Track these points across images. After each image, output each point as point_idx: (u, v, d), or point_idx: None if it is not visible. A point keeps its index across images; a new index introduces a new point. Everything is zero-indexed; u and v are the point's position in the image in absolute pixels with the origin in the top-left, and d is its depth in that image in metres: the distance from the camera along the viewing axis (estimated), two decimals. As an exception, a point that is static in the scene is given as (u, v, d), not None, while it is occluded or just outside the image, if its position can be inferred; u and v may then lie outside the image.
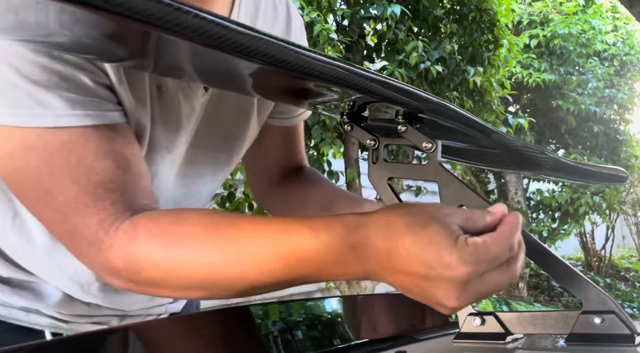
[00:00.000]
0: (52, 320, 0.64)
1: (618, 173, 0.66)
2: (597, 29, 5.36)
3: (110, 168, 0.45)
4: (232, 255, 0.42)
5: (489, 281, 0.39)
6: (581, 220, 5.26)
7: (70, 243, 0.46)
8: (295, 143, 0.76)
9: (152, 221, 0.45)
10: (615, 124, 5.71)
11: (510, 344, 0.46)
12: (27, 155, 0.44)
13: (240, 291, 0.43)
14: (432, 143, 0.49)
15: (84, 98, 0.45)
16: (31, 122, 0.43)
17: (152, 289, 0.46)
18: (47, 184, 0.44)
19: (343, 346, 0.44)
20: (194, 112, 0.60)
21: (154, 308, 0.71)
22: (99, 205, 0.44)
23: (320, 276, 0.41)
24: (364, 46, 2.78)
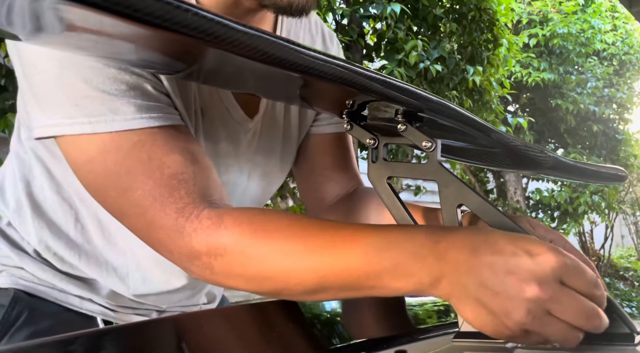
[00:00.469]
0: (102, 308, 0.69)
1: (617, 172, 0.66)
2: (596, 29, 5.37)
3: (179, 161, 0.49)
4: (315, 258, 0.43)
5: (554, 323, 0.39)
6: (580, 220, 5.28)
7: (150, 235, 0.49)
8: (340, 154, 0.76)
9: (239, 211, 0.48)
10: (614, 123, 5.72)
11: (509, 343, 0.46)
12: (104, 158, 0.48)
13: (310, 292, 0.44)
14: (432, 142, 0.49)
15: (149, 103, 0.50)
16: (105, 128, 0.48)
17: (225, 278, 0.47)
18: (124, 182, 0.48)
19: (343, 345, 0.44)
20: (238, 140, 0.65)
21: (189, 307, 0.75)
22: (175, 195, 0.48)
23: (390, 276, 0.41)
24: (363, 44, 2.78)
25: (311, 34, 0.72)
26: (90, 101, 0.48)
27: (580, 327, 0.40)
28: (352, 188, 0.75)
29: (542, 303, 0.38)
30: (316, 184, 0.75)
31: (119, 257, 0.66)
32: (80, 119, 0.48)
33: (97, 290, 0.68)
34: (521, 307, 0.38)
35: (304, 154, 0.75)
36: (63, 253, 0.65)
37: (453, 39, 2.96)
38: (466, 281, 0.40)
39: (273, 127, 0.68)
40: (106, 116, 0.48)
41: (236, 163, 0.66)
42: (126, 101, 0.48)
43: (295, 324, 0.46)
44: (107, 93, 0.48)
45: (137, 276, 0.67)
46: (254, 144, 0.67)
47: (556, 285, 0.39)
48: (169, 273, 0.67)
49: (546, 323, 0.39)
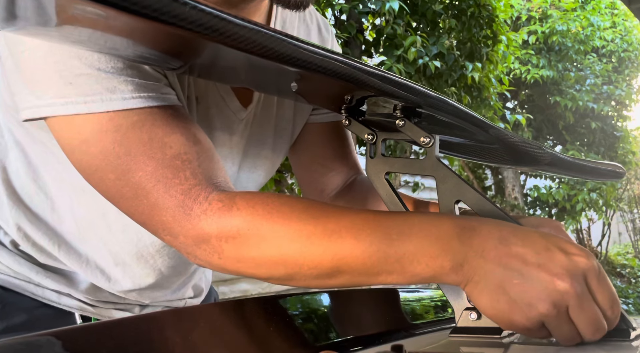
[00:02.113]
0: (81, 303, 0.66)
1: (615, 169, 0.66)
2: (595, 26, 5.36)
3: (181, 141, 0.47)
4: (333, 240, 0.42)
5: (567, 323, 0.39)
6: (578, 216, 5.29)
7: (152, 219, 0.46)
8: (340, 143, 0.74)
9: (251, 193, 0.46)
10: (612, 120, 5.73)
11: (505, 338, 0.46)
12: (101, 139, 0.46)
13: (324, 277, 0.43)
14: (430, 137, 0.49)
15: (147, 83, 0.47)
16: (102, 107, 0.45)
17: (234, 263, 0.45)
18: (124, 163, 0.46)
19: (340, 340, 0.45)
20: (232, 129, 0.63)
21: (174, 301, 0.73)
22: (180, 176, 0.46)
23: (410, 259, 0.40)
24: (362, 40, 2.78)
25: (306, 24, 0.71)
26: (84, 79, 0.45)
27: (587, 336, 0.40)
28: (351, 177, 0.74)
29: (568, 299, 0.38)
30: (316, 175, 0.74)
31: (96, 252, 0.64)
32: (75, 99, 0.45)
33: (76, 285, 0.65)
34: (548, 299, 0.38)
35: (302, 145, 0.73)
36: (42, 242, 0.63)
37: (452, 35, 2.95)
38: (492, 268, 0.39)
39: (265, 118, 0.67)
40: (102, 95, 0.45)
41: (229, 153, 0.64)
42: (123, 80, 0.46)
43: (290, 319, 0.46)
44: (103, 71, 0.45)
45: (117, 270, 0.65)
46: (245, 135, 0.65)
47: (584, 286, 0.39)
48: (150, 267, 0.65)
49: (563, 320, 0.39)
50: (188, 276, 0.73)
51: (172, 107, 0.49)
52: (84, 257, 0.64)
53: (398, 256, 0.41)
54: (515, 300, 0.39)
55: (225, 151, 0.63)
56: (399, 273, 0.41)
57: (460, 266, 0.40)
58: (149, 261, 0.65)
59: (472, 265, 0.40)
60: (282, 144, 0.71)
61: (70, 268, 0.65)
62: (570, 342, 0.41)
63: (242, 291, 3.36)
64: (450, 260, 0.40)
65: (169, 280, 0.68)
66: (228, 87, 0.61)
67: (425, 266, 0.40)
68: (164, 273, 0.66)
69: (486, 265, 0.39)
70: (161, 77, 0.50)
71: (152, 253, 0.64)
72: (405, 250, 0.41)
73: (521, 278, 0.39)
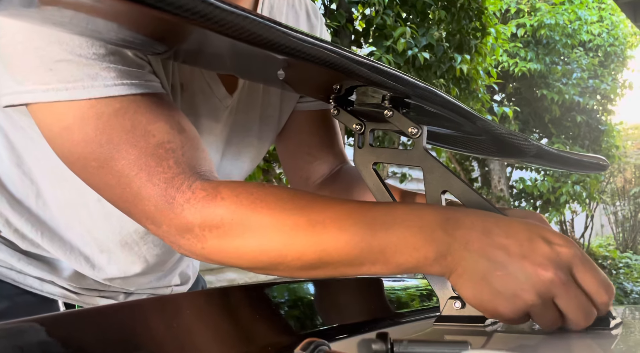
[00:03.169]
0: (64, 290, 0.66)
1: (599, 162, 0.67)
2: (583, 20, 5.40)
3: (165, 129, 0.46)
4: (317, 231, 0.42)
5: (552, 311, 0.39)
6: (562, 209, 5.37)
7: (135, 207, 0.46)
8: (326, 131, 0.74)
9: (235, 183, 0.45)
10: (597, 114, 5.80)
11: (489, 327, 0.46)
12: (83, 126, 0.45)
13: (307, 268, 0.43)
14: (418, 128, 0.49)
15: (129, 69, 0.47)
16: (83, 94, 0.45)
17: (217, 253, 0.45)
18: (106, 151, 0.45)
19: (325, 328, 0.45)
20: (217, 117, 0.62)
21: (160, 289, 0.73)
22: (163, 164, 0.45)
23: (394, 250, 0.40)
24: (351, 30, 2.76)
25: (295, 10, 0.70)
26: (65, 65, 0.44)
27: (575, 324, 0.40)
28: (337, 166, 0.74)
29: (553, 289, 0.39)
30: (301, 162, 0.73)
31: (80, 239, 0.63)
32: (56, 85, 0.44)
33: (59, 272, 0.65)
34: (532, 290, 0.39)
35: (289, 132, 0.73)
36: (24, 229, 0.62)
37: (441, 26, 2.96)
38: (475, 260, 0.40)
39: (250, 105, 0.66)
40: (84, 82, 0.44)
41: (214, 140, 0.64)
42: (105, 66, 0.45)
43: (275, 307, 0.46)
44: (85, 57, 0.44)
45: (102, 257, 0.64)
46: (230, 122, 0.64)
47: (569, 275, 0.39)
48: (135, 255, 0.64)
49: (547, 309, 0.40)
50: (174, 264, 0.73)
51: (156, 94, 0.48)
52: (68, 244, 0.64)
53: (382, 247, 0.41)
54: (500, 291, 0.39)
55: (210, 138, 0.63)
56: (382, 264, 0.41)
57: (443, 257, 0.40)
58: (134, 248, 0.64)
59: (455, 256, 0.40)
60: (268, 131, 0.70)
61: (53, 255, 0.64)
62: (551, 328, 0.41)
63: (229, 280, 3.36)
64: (433, 251, 0.40)
65: (154, 267, 0.68)
66: (214, 73, 0.60)
67: (409, 256, 0.40)
68: (149, 261, 0.66)
69: (470, 256, 0.40)
70: (145, 64, 0.49)
71: (137, 240, 0.64)
72: (389, 240, 0.41)
73: (505, 270, 0.39)
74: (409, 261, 0.41)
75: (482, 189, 5.57)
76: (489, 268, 0.39)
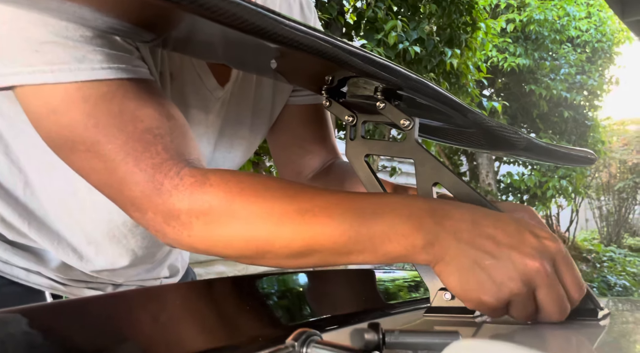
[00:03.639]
0: (51, 281, 0.65)
1: (587, 155, 0.68)
2: (571, 16, 5.45)
3: (153, 115, 0.45)
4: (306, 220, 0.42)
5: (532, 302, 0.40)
6: (548, 203, 5.44)
7: (121, 193, 0.45)
8: (319, 125, 0.74)
9: (225, 171, 0.45)
10: (584, 110, 5.86)
11: (478, 318, 0.47)
12: (69, 109, 0.44)
13: (295, 256, 0.42)
14: (410, 120, 0.49)
15: (117, 53, 0.46)
16: (69, 77, 0.44)
17: (204, 241, 0.44)
18: (93, 134, 0.44)
19: (317, 319, 0.45)
20: (208, 108, 0.61)
21: (149, 281, 0.72)
22: (151, 149, 0.44)
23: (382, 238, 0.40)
24: (343, 23, 2.75)
25: (288, 2, 0.69)
26: (51, 47, 0.43)
27: (549, 316, 0.41)
28: (329, 161, 0.74)
29: (538, 279, 0.39)
30: (294, 156, 0.73)
31: (68, 230, 0.63)
32: (41, 67, 0.43)
33: (46, 263, 0.64)
34: (519, 279, 0.39)
35: (281, 125, 0.72)
36: (11, 219, 0.61)
37: (432, 20, 2.96)
38: (464, 249, 0.40)
39: (243, 98, 0.66)
40: (70, 65, 0.43)
41: (205, 132, 0.63)
42: (92, 49, 0.44)
43: (267, 299, 0.46)
44: (71, 39, 0.43)
45: (90, 249, 0.63)
46: (222, 114, 0.64)
47: (553, 269, 0.40)
48: (123, 248, 0.64)
49: (529, 299, 0.40)
50: (164, 257, 0.72)
51: (145, 80, 0.47)
52: (56, 235, 0.63)
53: (370, 235, 0.41)
54: (486, 280, 0.39)
55: (200, 130, 0.62)
56: (370, 252, 0.41)
57: (431, 245, 0.40)
58: (122, 241, 0.64)
59: (443, 245, 0.40)
60: (260, 124, 0.70)
61: (40, 246, 0.64)
62: (526, 319, 0.42)
63: (218, 273, 3.35)
64: (422, 239, 0.40)
65: (143, 260, 0.67)
66: (205, 64, 0.60)
67: (397, 244, 0.40)
68: (137, 254, 0.66)
69: (459, 245, 0.40)
70: (133, 50, 0.48)
71: (125, 233, 0.63)
72: (377, 228, 0.41)
73: (493, 259, 0.39)
74: (397, 249, 0.41)
75: (470, 183, 5.61)
76: (477, 257, 0.40)
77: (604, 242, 7.38)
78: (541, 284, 0.40)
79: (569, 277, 0.41)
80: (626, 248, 7.16)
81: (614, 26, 5.98)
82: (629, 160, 7.61)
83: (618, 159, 7.63)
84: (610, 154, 7.31)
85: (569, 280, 0.41)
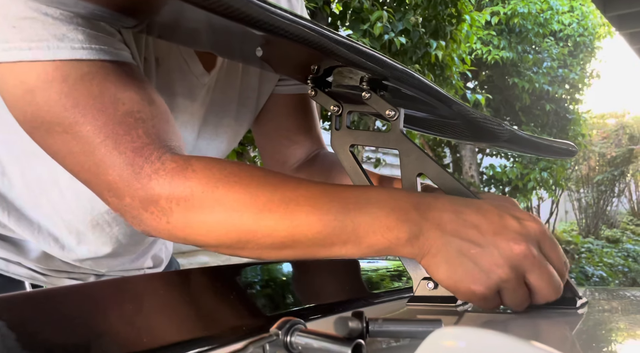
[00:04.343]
0: (31, 272, 0.64)
1: (568, 147, 0.69)
2: (554, 9, 5.50)
3: (135, 99, 0.44)
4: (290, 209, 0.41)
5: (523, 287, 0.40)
6: (529, 195, 5.52)
7: (97, 177, 0.43)
8: (305, 116, 0.73)
9: (208, 158, 0.44)
10: (566, 103, 5.95)
11: (460, 307, 0.48)
12: (47, 88, 0.42)
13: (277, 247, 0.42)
14: (395, 110, 0.49)
15: (99, 34, 0.44)
16: (48, 55, 0.42)
17: (183, 228, 0.43)
18: (71, 115, 0.42)
19: (300, 308, 0.45)
20: (194, 94, 0.60)
21: (132, 271, 0.71)
22: (132, 133, 0.43)
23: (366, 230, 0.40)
24: (328, 12, 2.74)
25: None
26: (30, 23, 0.42)
27: (544, 298, 0.41)
28: (314, 151, 0.74)
29: (525, 263, 0.40)
30: (279, 146, 0.73)
31: (49, 219, 0.61)
32: (18, 44, 0.42)
33: (26, 253, 0.63)
34: (506, 264, 0.39)
35: (267, 115, 0.72)
36: None
37: (418, 11, 2.96)
38: (449, 240, 0.40)
39: (228, 85, 0.65)
40: (49, 42, 0.42)
41: (190, 120, 0.62)
42: (73, 28, 0.42)
43: (251, 288, 0.46)
44: (51, 17, 0.42)
45: (71, 238, 0.62)
46: (207, 101, 0.63)
47: (538, 250, 0.40)
48: (106, 236, 0.63)
49: (519, 285, 0.40)
50: (147, 246, 0.72)
51: (126, 64, 0.46)
52: (36, 224, 0.62)
53: (354, 226, 0.41)
54: (474, 269, 0.40)
55: (185, 117, 0.61)
56: (354, 244, 0.41)
57: (416, 237, 0.40)
58: (105, 229, 0.63)
59: (428, 237, 0.40)
60: (246, 112, 0.69)
61: (20, 236, 0.62)
62: (522, 307, 0.42)
63: (202, 263, 3.34)
64: (406, 232, 0.40)
65: (126, 249, 0.67)
66: (192, 50, 0.59)
67: (381, 237, 0.40)
68: (121, 241, 0.65)
69: (443, 236, 0.40)
70: (115, 32, 0.47)
71: (109, 221, 0.62)
72: (362, 219, 0.41)
73: (479, 247, 0.40)
74: (381, 241, 0.41)
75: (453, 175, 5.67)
76: (462, 246, 0.40)
77: (583, 234, 7.54)
78: (530, 268, 0.40)
79: (554, 255, 0.41)
80: (604, 240, 7.34)
81: (595, 20, 6.06)
82: (608, 153, 7.77)
83: (597, 152, 7.78)
84: (590, 147, 7.45)
85: (555, 258, 0.41)
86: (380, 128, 3.51)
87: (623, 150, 7.69)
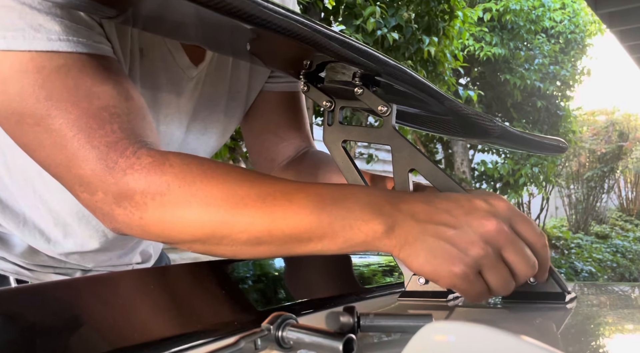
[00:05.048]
0: (16, 267, 0.63)
1: (559, 144, 0.70)
2: (546, 6, 5.53)
3: (111, 93, 0.43)
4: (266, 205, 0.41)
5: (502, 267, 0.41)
6: (520, 191, 5.56)
7: (69, 172, 0.43)
8: (294, 113, 0.73)
9: (186, 154, 0.43)
10: (556, 100, 5.99)
11: (451, 302, 0.48)
12: (20, 78, 0.42)
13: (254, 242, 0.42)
14: (388, 106, 0.49)
15: (78, 26, 0.44)
16: (23, 45, 0.41)
17: (157, 224, 0.42)
18: (44, 107, 0.42)
19: (292, 303, 0.45)
20: (180, 87, 0.59)
21: (120, 267, 0.70)
22: (106, 127, 0.42)
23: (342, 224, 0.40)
24: (321, 8, 2.73)
25: None
26: (5, 12, 0.41)
27: (523, 273, 0.41)
28: (303, 149, 0.74)
29: (499, 239, 0.40)
30: (267, 143, 0.72)
31: (34, 211, 0.60)
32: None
33: (11, 248, 0.62)
34: (481, 240, 0.40)
35: (256, 112, 0.72)
36: None
37: (411, 7, 2.96)
38: (424, 227, 0.40)
39: (218, 79, 0.64)
40: (25, 32, 0.41)
41: (177, 114, 0.61)
42: (51, 19, 0.42)
43: (242, 283, 0.46)
44: (29, 6, 0.41)
45: (57, 230, 0.61)
46: (196, 95, 0.62)
47: (510, 228, 0.41)
48: (93, 229, 0.62)
49: (498, 262, 0.41)
50: (136, 242, 0.71)
51: (105, 57, 0.45)
52: (21, 217, 0.61)
53: (330, 220, 0.40)
54: (452, 249, 0.40)
55: (170, 110, 0.61)
56: (330, 239, 0.41)
57: (392, 229, 0.40)
58: (91, 222, 0.62)
59: (404, 228, 0.40)
60: (235, 107, 0.69)
61: (5, 229, 0.62)
62: (507, 288, 0.42)
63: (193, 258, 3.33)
64: (382, 224, 0.40)
65: (114, 244, 0.66)
66: (178, 42, 0.58)
67: (357, 230, 0.40)
68: (108, 235, 0.64)
69: (418, 224, 0.40)
70: (95, 25, 0.46)
71: None
72: (337, 213, 0.41)
73: (453, 229, 0.40)
74: (357, 235, 0.40)
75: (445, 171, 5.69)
76: (437, 231, 0.40)
77: (572, 229, 7.61)
78: (504, 244, 0.40)
79: (527, 229, 0.42)
80: (593, 235, 7.41)
81: (586, 18, 6.09)
82: (598, 150, 7.84)
83: (587, 149, 7.84)
84: (581, 144, 7.51)
85: (529, 231, 0.42)
86: (373, 124, 3.51)
87: (613, 147, 7.77)
